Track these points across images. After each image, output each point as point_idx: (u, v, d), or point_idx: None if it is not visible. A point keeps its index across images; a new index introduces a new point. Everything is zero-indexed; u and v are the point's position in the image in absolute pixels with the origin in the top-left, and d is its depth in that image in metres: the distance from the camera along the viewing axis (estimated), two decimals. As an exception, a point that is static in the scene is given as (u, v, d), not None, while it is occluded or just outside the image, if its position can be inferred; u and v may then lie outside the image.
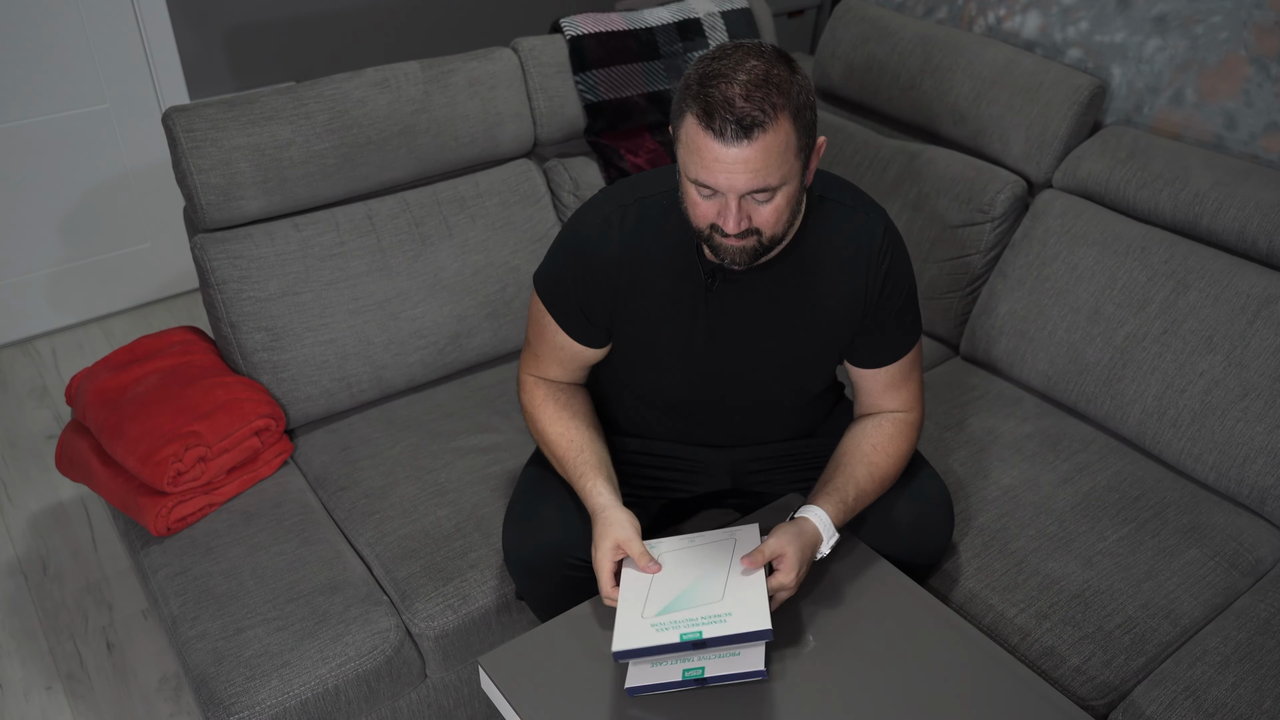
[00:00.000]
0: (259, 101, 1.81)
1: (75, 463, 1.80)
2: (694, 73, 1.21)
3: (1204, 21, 1.97)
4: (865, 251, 1.38)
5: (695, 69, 1.21)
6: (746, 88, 1.16)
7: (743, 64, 1.18)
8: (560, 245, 1.44)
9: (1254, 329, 1.71)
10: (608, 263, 1.38)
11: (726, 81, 1.17)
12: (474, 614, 1.60)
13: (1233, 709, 1.39)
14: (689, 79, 1.21)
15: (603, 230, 1.39)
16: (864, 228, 1.39)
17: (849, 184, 1.44)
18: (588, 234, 1.40)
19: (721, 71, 1.18)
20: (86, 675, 1.99)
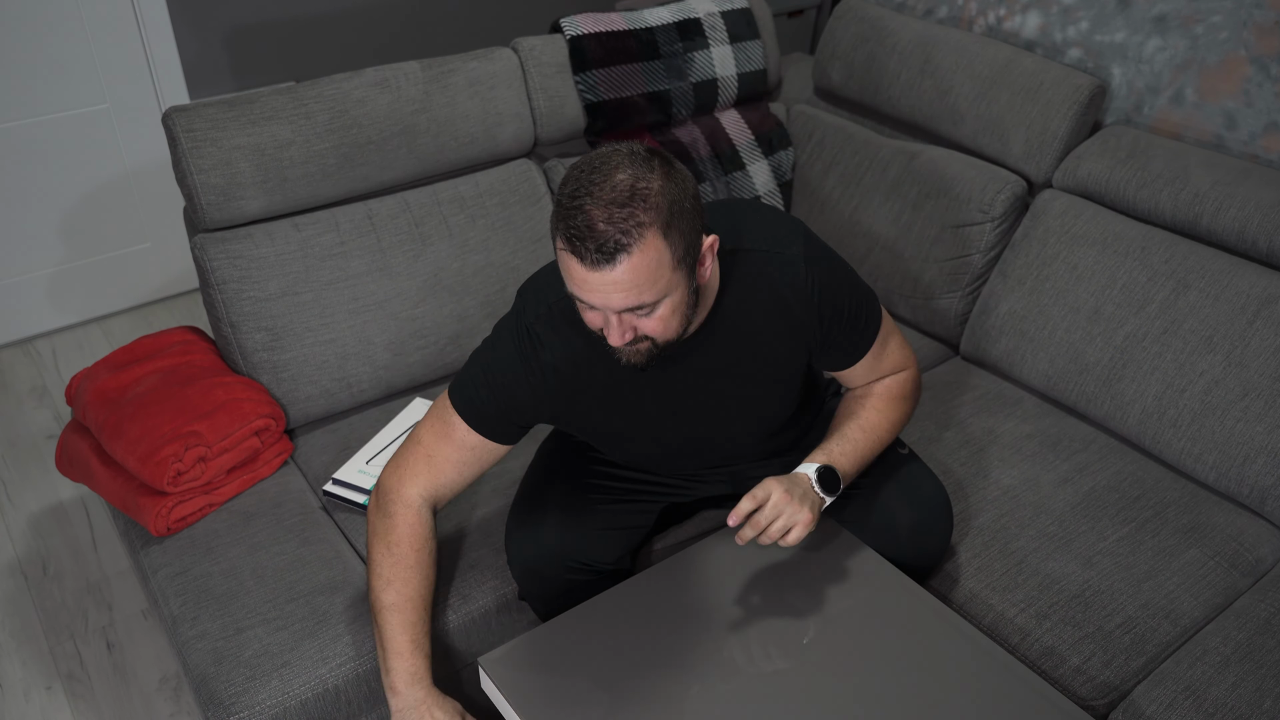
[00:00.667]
0: (259, 101, 1.81)
1: (75, 463, 1.80)
2: (564, 183, 1.17)
3: (1204, 21, 1.97)
4: (790, 294, 1.35)
5: (565, 178, 1.17)
6: (609, 209, 1.12)
7: (608, 179, 1.13)
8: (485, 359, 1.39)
9: (1254, 329, 1.71)
10: (539, 374, 1.36)
11: (590, 201, 1.12)
12: (474, 614, 1.60)
13: (1233, 709, 1.39)
14: (560, 192, 1.17)
15: (528, 345, 1.35)
16: (783, 269, 1.34)
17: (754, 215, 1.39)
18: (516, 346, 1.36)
19: (586, 189, 1.13)
20: (86, 675, 1.99)
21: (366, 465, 1.75)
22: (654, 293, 1.17)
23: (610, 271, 1.13)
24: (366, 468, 1.75)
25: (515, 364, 1.36)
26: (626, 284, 1.14)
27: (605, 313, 1.19)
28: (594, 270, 1.14)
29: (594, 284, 1.15)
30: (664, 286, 1.17)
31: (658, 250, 1.14)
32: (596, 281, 1.15)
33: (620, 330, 1.20)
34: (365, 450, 1.79)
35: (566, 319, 1.34)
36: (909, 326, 2.24)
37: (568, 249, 1.14)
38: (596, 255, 1.12)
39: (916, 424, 1.92)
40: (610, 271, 1.13)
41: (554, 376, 1.36)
